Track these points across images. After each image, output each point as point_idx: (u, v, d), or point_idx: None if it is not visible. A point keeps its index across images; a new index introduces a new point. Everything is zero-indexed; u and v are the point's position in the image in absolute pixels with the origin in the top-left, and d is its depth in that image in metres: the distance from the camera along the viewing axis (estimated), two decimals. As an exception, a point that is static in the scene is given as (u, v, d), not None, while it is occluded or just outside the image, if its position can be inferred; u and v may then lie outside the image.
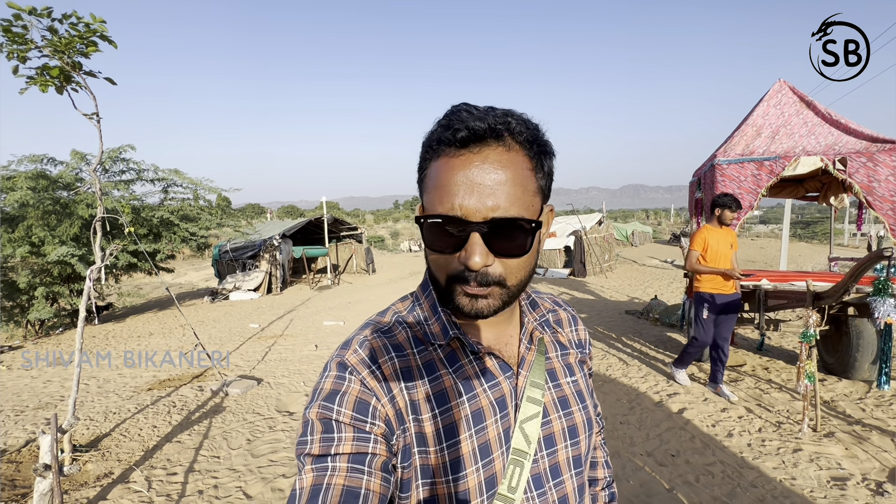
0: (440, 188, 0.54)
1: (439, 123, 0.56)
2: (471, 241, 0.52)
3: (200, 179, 10.21)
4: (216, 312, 10.00)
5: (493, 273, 0.54)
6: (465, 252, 0.53)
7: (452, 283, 0.56)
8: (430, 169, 0.56)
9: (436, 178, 0.55)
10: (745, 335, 5.82)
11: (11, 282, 8.21)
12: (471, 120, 0.53)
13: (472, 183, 0.52)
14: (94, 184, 3.49)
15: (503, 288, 0.56)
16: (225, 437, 3.66)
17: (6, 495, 2.90)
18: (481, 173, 0.52)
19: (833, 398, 3.80)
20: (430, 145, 0.56)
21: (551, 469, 0.63)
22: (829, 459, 2.89)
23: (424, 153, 0.58)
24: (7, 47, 2.86)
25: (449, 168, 0.53)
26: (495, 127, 0.53)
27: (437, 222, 0.53)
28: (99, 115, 3.27)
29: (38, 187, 7.76)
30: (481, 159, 0.53)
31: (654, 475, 2.83)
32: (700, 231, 3.98)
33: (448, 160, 0.54)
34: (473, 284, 0.54)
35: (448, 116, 0.56)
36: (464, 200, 0.52)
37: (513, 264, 0.55)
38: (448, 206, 0.52)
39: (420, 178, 0.59)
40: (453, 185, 0.52)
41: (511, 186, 0.53)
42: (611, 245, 15.26)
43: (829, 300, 3.42)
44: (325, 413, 0.55)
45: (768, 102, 4.85)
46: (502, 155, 0.53)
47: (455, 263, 0.55)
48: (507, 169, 0.53)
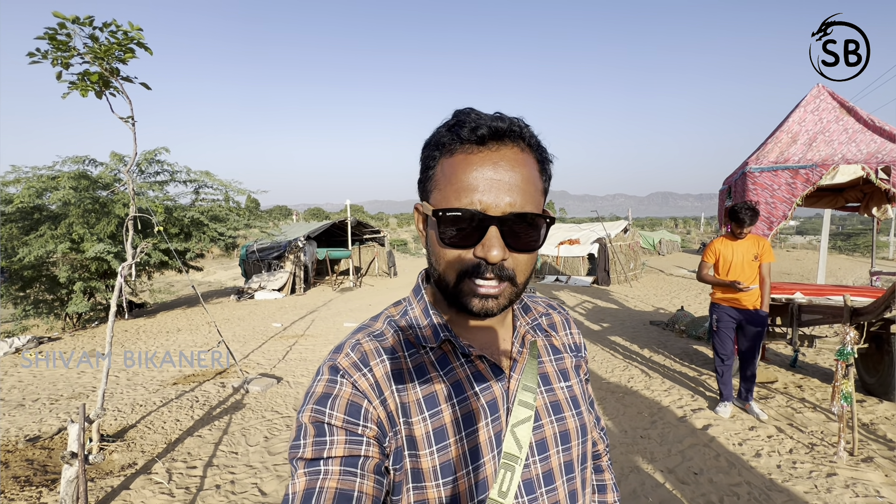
0: (458, 183, 0.55)
1: (449, 124, 0.57)
2: (489, 235, 0.53)
3: (230, 181, 10.55)
4: (241, 311, 10.26)
5: (508, 268, 0.55)
6: (484, 245, 0.54)
7: (465, 279, 0.56)
8: (442, 166, 0.57)
9: (451, 175, 0.56)
10: (778, 351, 5.56)
11: (52, 276, 8.64)
12: (489, 120, 0.55)
13: (492, 179, 0.54)
14: (129, 184, 3.64)
15: (514, 285, 0.57)
16: (244, 433, 3.73)
17: (38, 480, 3.03)
18: (501, 170, 0.54)
19: (873, 420, 3.58)
20: (441, 143, 0.57)
21: (544, 475, 0.62)
22: (866, 486, 2.71)
23: (431, 152, 0.59)
24: (52, 54, 3.02)
25: (467, 164, 0.55)
26: (513, 129, 0.56)
27: (455, 216, 0.54)
28: (134, 118, 3.42)
29: (79, 187, 8.16)
30: (500, 157, 0.55)
31: (674, 493, 2.72)
32: (712, 242, 3.89)
33: (466, 157, 0.55)
34: (490, 276, 0.55)
35: (458, 117, 0.57)
36: (483, 195, 0.53)
37: (523, 260, 0.57)
38: (467, 200, 0.54)
39: (426, 177, 0.60)
40: (472, 180, 0.54)
41: (525, 184, 0.55)
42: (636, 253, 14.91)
43: (869, 316, 3.24)
44: (318, 416, 0.55)
45: (805, 108, 4.65)
46: (518, 154, 0.56)
47: (470, 258, 0.55)
48: (524, 168, 0.56)
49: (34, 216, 8.57)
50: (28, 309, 8.68)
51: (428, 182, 0.59)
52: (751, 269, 3.69)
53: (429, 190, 0.59)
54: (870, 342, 3.93)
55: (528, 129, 0.58)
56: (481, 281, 0.55)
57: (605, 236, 13.35)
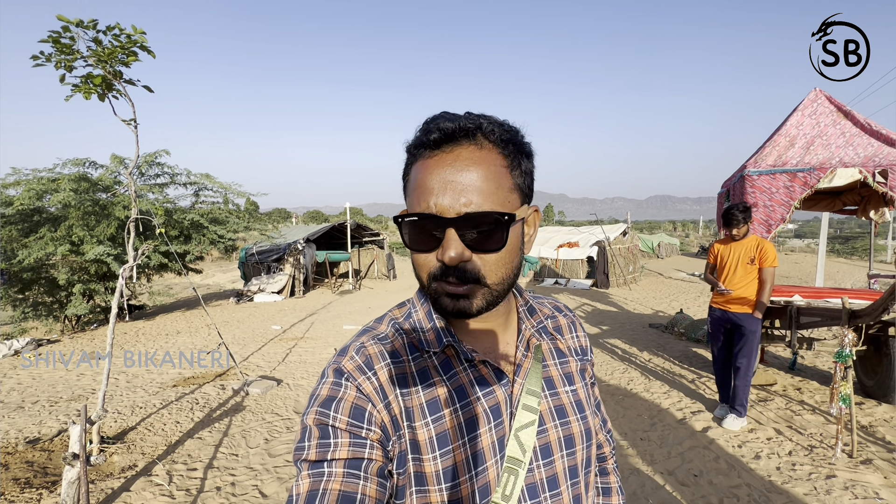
0: (418, 189, 0.56)
1: (418, 129, 0.59)
2: (446, 237, 0.54)
3: (230, 184, 10.56)
4: (241, 313, 10.25)
5: (472, 269, 0.55)
6: (442, 248, 0.54)
7: (433, 283, 0.57)
8: (411, 172, 0.59)
9: (415, 180, 0.57)
10: (777, 353, 5.57)
11: (52, 278, 8.63)
12: (442, 122, 0.56)
13: (446, 181, 0.54)
14: (130, 186, 3.65)
15: (483, 286, 0.56)
16: (244, 435, 3.73)
17: (38, 482, 3.03)
18: (453, 171, 0.54)
19: (871, 423, 3.59)
20: (410, 150, 0.59)
21: (548, 480, 0.62)
22: (865, 488, 2.72)
23: (407, 159, 0.60)
24: (56, 57, 3.04)
25: (424, 168, 0.56)
26: (465, 127, 0.55)
27: (414, 221, 0.55)
28: (136, 121, 3.44)
29: (79, 189, 8.16)
30: (453, 158, 0.55)
31: (674, 495, 2.73)
32: (713, 245, 3.93)
33: (424, 161, 0.56)
34: (453, 280, 0.55)
35: (426, 123, 0.58)
36: (438, 198, 0.54)
37: (491, 260, 0.56)
38: (424, 204, 0.55)
39: (404, 184, 0.61)
40: (428, 184, 0.55)
41: (483, 182, 0.54)
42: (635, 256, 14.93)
43: (867, 319, 3.25)
44: (322, 419, 0.55)
45: (803, 112, 4.68)
46: (474, 153, 0.55)
47: (434, 262, 0.56)
48: (480, 166, 0.55)
49: (34, 218, 8.57)
50: (27, 311, 8.67)
51: (405, 189, 0.61)
52: (744, 272, 3.58)
53: (406, 196, 0.60)
54: (868, 344, 3.95)
55: (488, 126, 0.56)
56: (446, 283, 0.56)
57: (605, 239, 13.37)
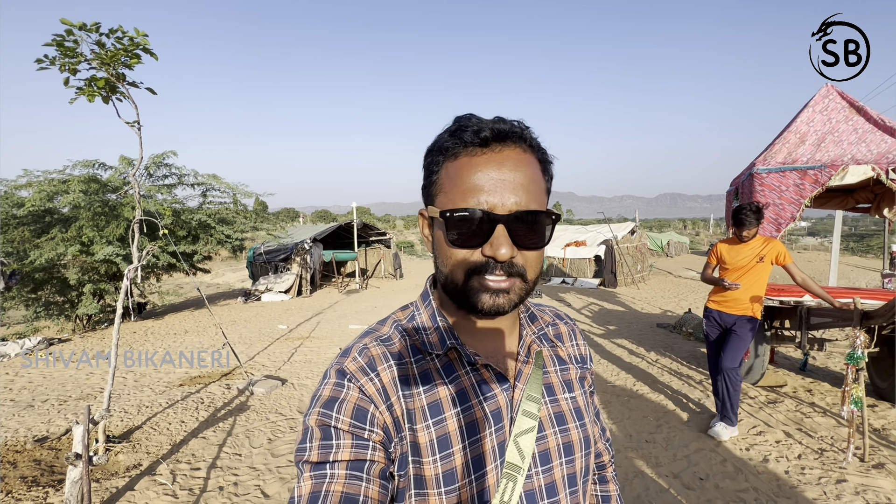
0: (463, 185, 0.56)
1: (451, 129, 0.59)
2: (497, 234, 0.55)
3: (237, 184, 10.65)
4: (248, 313, 10.33)
5: (518, 264, 0.57)
6: (492, 244, 0.55)
7: (473, 277, 0.57)
8: (447, 170, 0.59)
9: (456, 177, 0.57)
10: (787, 354, 5.48)
11: (63, 278, 8.78)
12: (491, 123, 0.57)
13: (497, 179, 0.56)
14: (135, 187, 3.68)
15: (524, 281, 0.58)
16: (247, 435, 3.75)
17: (45, 480, 3.07)
18: (505, 170, 0.56)
19: (884, 426, 3.50)
20: (444, 148, 0.59)
21: (547, 487, 0.62)
22: (877, 493, 2.65)
23: (435, 157, 0.60)
24: (59, 60, 3.07)
25: (472, 166, 0.56)
26: (514, 130, 0.58)
27: (463, 216, 0.55)
28: (140, 122, 3.46)
29: (89, 190, 8.29)
30: (503, 158, 0.56)
31: (679, 498, 2.69)
32: (716, 245, 3.67)
33: (470, 159, 0.57)
34: (499, 273, 0.56)
35: (459, 122, 0.59)
36: (489, 195, 0.55)
37: (532, 256, 0.58)
38: (474, 201, 0.55)
39: (430, 182, 0.61)
40: (478, 181, 0.56)
41: (529, 183, 0.57)
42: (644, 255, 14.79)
43: (880, 319, 3.17)
44: (324, 420, 0.55)
45: (814, 108, 4.58)
46: (521, 155, 0.58)
47: (478, 257, 0.56)
48: (527, 167, 0.57)
49: (45, 219, 8.72)
50: (39, 311, 8.82)
51: (432, 187, 0.61)
52: (754, 274, 3.41)
53: (433, 194, 0.60)
54: (881, 346, 3.86)
55: (528, 131, 0.60)
56: (491, 276, 0.56)
57: (612, 238, 13.26)
